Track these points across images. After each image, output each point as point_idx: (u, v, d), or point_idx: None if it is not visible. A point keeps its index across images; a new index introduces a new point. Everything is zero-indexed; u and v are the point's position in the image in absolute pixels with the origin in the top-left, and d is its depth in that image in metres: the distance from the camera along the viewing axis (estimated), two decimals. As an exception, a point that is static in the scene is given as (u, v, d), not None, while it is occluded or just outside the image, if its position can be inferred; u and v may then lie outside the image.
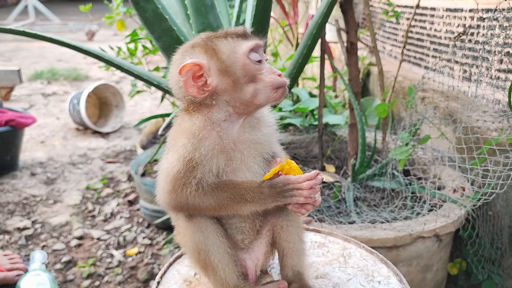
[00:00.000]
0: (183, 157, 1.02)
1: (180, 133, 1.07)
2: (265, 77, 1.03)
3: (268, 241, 1.19)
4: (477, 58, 2.54)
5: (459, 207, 1.84)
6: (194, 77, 1.01)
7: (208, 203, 1.04)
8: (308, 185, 1.02)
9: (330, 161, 2.63)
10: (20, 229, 2.99)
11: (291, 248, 1.17)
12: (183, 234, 1.14)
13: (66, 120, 5.04)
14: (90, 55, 2.07)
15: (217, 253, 1.09)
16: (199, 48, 1.04)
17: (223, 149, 1.05)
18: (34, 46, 9.10)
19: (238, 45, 1.04)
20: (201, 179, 1.03)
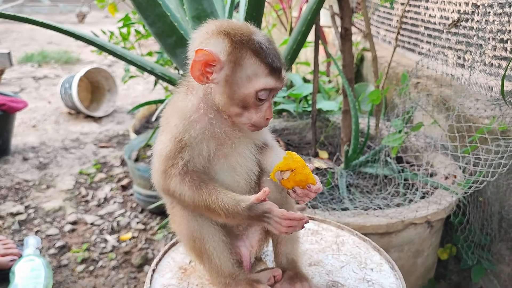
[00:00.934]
0: (174, 137, 1.04)
1: (173, 113, 1.08)
2: (254, 114, 1.03)
3: (262, 228, 1.21)
4: (471, 45, 2.54)
5: (450, 194, 1.86)
6: (204, 63, 1.01)
7: (186, 197, 1.04)
8: (288, 224, 1.01)
9: (323, 147, 2.64)
10: (13, 214, 2.98)
11: (285, 236, 1.18)
12: (178, 222, 1.14)
13: (57, 104, 5.00)
14: (83, 40, 2.05)
15: (212, 241, 1.10)
16: (229, 44, 1.00)
17: (213, 135, 1.06)
18: (24, 28, 8.97)
19: (259, 75, 1.00)
20: (188, 161, 1.04)
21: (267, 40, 1.02)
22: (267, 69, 0.99)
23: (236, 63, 1.00)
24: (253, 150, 1.14)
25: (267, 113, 1.04)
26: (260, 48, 1.00)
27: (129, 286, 2.36)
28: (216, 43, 1.01)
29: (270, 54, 1.00)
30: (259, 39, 1.01)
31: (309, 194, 1.05)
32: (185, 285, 1.18)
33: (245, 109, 1.03)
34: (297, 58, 3.91)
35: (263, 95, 1.01)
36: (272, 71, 1.00)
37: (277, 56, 1.01)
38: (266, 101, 1.03)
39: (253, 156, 1.14)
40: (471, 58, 2.48)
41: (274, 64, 1.00)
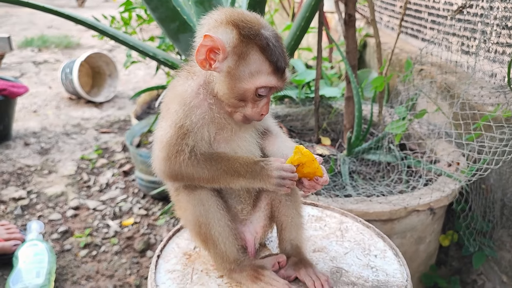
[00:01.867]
0: (175, 123, 1.04)
1: (173, 98, 1.08)
2: (250, 108, 1.04)
3: (267, 214, 1.21)
4: (475, 31, 2.52)
5: (453, 181, 1.86)
6: (210, 50, 1.00)
7: (202, 173, 1.05)
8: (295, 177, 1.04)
9: (326, 134, 2.64)
10: (16, 199, 2.99)
11: (290, 222, 1.19)
12: (183, 208, 1.15)
13: (58, 89, 4.98)
14: (85, 25, 2.03)
15: (218, 226, 1.11)
16: (236, 36, 1.00)
17: (213, 119, 1.06)
18: (24, 12, 8.90)
19: (262, 72, 1.00)
20: (194, 147, 1.05)
21: (274, 37, 1.02)
22: (271, 67, 0.99)
23: (240, 56, 0.99)
24: (254, 135, 1.15)
25: (263, 109, 1.05)
26: (267, 45, 0.99)
27: (131, 271, 2.37)
28: (224, 32, 1.00)
29: (276, 53, 0.99)
30: (267, 35, 1.00)
31: (315, 186, 1.07)
32: (189, 271, 1.19)
33: (242, 102, 1.04)
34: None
35: (263, 92, 1.02)
36: (275, 70, 1.00)
37: (283, 55, 1.01)
38: (264, 97, 1.04)
39: (254, 140, 1.15)
40: (476, 45, 2.47)
41: (278, 63, 0.99)
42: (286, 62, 1.02)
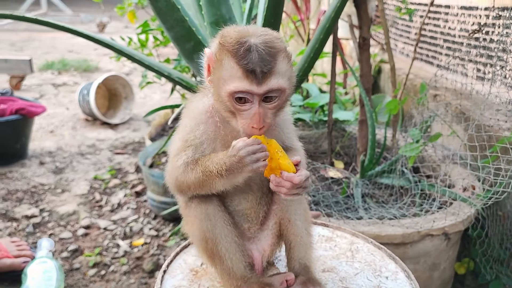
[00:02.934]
0: (182, 136, 1.06)
1: (186, 114, 1.10)
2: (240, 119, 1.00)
3: (275, 233, 1.19)
4: (491, 57, 2.51)
5: (469, 205, 1.82)
6: (208, 64, 1.03)
7: (190, 179, 1.05)
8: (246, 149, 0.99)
9: (339, 157, 2.62)
10: (28, 217, 3.00)
11: (299, 241, 1.16)
12: (191, 223, 1.14)
13: (75, 110, 5.05)
14: (101, 44, 2.07)
15: (225, 242, 1.09)
16: (218, 45, 1.01)
17: (217, 137, 1.06)
18: (46, 37, 9.13)
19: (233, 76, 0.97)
20: (190, 157, 1.05)
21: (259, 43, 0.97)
22: (240, 71, 0.96)
23: (217, 63, 1.00)
24: None
25: (252, 120, 0.99)
26: (239, 49, 0.96)
27: (139, 291, 2.34)
28: (213, 45, 1.03)
29: (249, 56, 0.95)
30: (246, 41, 0.97)
31: (281, 182, 1.01)
32: (195, 287, 1.17)
33: (233, 114, 1.01)
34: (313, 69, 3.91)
35: (240, 95, 0.97)
36: (246, 73, 0.95)
37: (261, 59, 0.95)
38: (252, 106, 0.99)
39: None
40: (492, 71, 2.45)
41: (249, 65, 0.95)
42: (264, 66, 0.95)
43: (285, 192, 1.02)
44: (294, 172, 1.01)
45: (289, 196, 1.03)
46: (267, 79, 0.96)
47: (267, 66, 0.96)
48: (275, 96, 1.00)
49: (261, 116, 0.99)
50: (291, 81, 1.04)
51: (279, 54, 0.99)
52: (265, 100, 1.00)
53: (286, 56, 1.02)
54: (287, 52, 1.03)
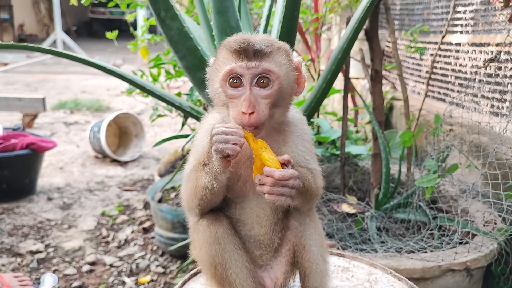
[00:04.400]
0: (194, 152, 1.04)
1: (200, 129, 1.09)
2: (232, 108, 0.99)
3: (288, 260, 1.12)
4: (505, 92, 2.48)
5: (491, 240, 1.73)
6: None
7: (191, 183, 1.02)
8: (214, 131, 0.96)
9: (352, 193, 2.55)
10: (33, 252, 2.94)
11: (314, 268, 1.09)
12: (199, 247, 1.08)
13: (86, 148, 5.06)
14: (113, 74, 2.07)
15: (235, 267, 1.03)
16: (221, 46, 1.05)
17: None
18: (60, 78, 9.32)
19: (225, 61, 0.99)
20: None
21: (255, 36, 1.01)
22: (232, 53, 0.98)
23: (215, 61, 1.03)
24: None
25: (243, 106, 0.96)
26: (234, 41, 0.99)
27: (144, 330, 2.24)
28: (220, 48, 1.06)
29: (239, 41, 0.98)
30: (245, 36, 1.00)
31: (262, 179, 0.96)
32: (204, 317, 1.09)
33: (227, 107, 1.01)
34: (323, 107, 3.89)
35: (231, 78, 0.97)
36: (238, 53, 0.97)
37: (253, 42, 0.97)
38: (244, 92, 0.97)
39: None
40: (507, 106, 2.41)
41: (240, 47, 0.97)
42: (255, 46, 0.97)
43: (268, 191, 0.96)
44: (278, 168, 0.95)
45: (273, 197, 0.96)
46: (258, 58, 0.97)
47: (259, 47, 0.97)
48: (268, 81, 0.98)
49: (251, 101, 0.96)
50: (288, 76, 1.02)
51: (276, 47, 1.01)
52: (258, 85, 0.98)
53: (285, 53, 1.03)
54: (287, 51, 1.04)
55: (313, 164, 1.11)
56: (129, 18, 3.21)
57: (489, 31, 2.75)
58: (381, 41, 2.36)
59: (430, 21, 3.53)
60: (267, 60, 0.97)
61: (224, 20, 1.90)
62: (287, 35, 1.86)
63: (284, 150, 1.06)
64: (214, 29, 1.93)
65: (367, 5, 1.89)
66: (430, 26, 3.50)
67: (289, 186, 0.96)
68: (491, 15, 2.73)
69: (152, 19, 2.86)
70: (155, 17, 1.83)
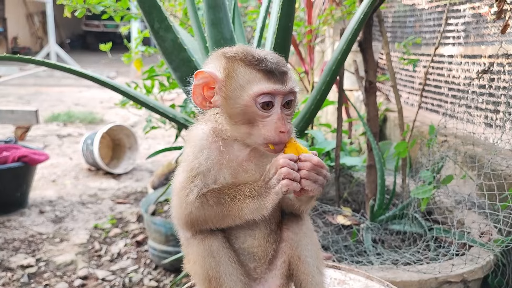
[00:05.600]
0: (187, 165, 1.00)
1: (188, 142, 1.06)
2: (263, 127, 0.97)
3: (283, 273, 1.10)
4: (498, 103, 2.48)
5: (487, 252, 1.72)
6: (205, 87, 1.00)
7: (211, 210, 0.99)
8: (285, 162, 0.94)
9: (347, 204, 2.54)
10: (24, 266, 2.89)
11: (310, 281, 1.08)
12: (193, 261, 1.06)
13: (79, 160, 5.02)
14: (105, 85, 2.06)
15: (230, 281, 1.01)
16: (224, 60, 1.00)
17: (222, 163, 1.01)
18: (53, 91, 9.29)
19: (252, 81, 0.96)
20: (202, 188, 0.98)
21: (267, 52, 1.00)
22: (260, 73, 0.96)
23: (229, 76, 0.98)
24: None
25: (277, 124, 0.96)
26: (253, 57, 0.97)
27: None
28: (214, 64, 1.01)
29: (264, 60, 0.96)
30: (251, 50, 0.99)
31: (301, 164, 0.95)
32: (198, 332, 1.07)
33: (252, 125, 0.97)
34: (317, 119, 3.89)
35: (263, 99, 0.95)
36: (267, 74, 0.96)
37: (275, 61, 0.97)
38: (274, 111, 0.96)
39: None
40: (501, 118, 2.42)
41: (268, 66, 0.95)
42: (280, 66, 0.97)
43: (305, 175, 0.94)
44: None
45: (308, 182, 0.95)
46: (287, 78, 0.98)
47: (283, 66, 0.98)
48: (292, 101, 1.00)
49: (285, 120, 0.98)
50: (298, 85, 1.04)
51: (285, 62, 1.02)
52: (284, 106, 0.99)
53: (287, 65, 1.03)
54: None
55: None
56: (123, 30, 3.20)
57: (481, 43, 2.77)
58: (374, 53, 2.37)
59: (423, 33, 3.56)
60: (291, 78, 0.99)
61: (218, 32, 1.89)
62: (282, 47, 1.86)
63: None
64: (208, 40, 1.92)
65: (360, 17, 1.90)
66: (423, 38, 3.53)
67: (323, 174, 0.96)
68: (483, 27, 2.76)
69: (146, 31, 2.86)
70: (149, 28, 1.82)
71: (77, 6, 2.65)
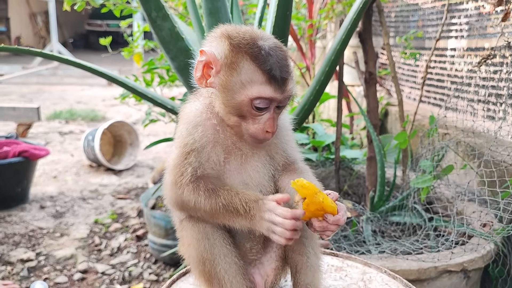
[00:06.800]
0: (180, 142, 0.99)
1: (181, 120, 1.04)
2: (251, 125, 0.97)
3: (279, 255, 1.09)
4: (501, 96, 2.46)
5: (487, 241, 1.70)
6: (206, 65, 0.98)
7: (201, 203, 0.97)
8: (292, 225, 0.91)
9: (347, 197, 2.52)
10: (24, 260, 2.88)
11: (305, 262, 1.06)
12: (187, 244, 1.05)
13: (80, 157, 5.02)
14: (103, 76, 2.06)
15: (224, 263, 0.99)
16: (227, 46, 0.97)
17: (217, 141, 1.00)
18: (56, 90, 9.30)
19: (254, 82, 0.94)
20: (198, 168, 0.97)
21: (272, 47, 0.96)
22: (264, 76, 0.93)
23: (231, 67, 0.95)
24: (268, 165, 1.06)
25: (266, 125, 0.96)
26: (259, 53, 0.94)
27: (135, 338, 2.18)
28: (217, 45, 0.99)
29: (270, 61, 0.93)
30: (261, 44, 0.95)
31: (328, 227, 0.94)
32: (192, 316, 1.05)
33: (243, 118, 0.97)
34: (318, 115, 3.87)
35: (260, 104, 0.94)
36: (270, 79, 0.93)
37: (281, 64, 0.94)
38: (266, 112, 0.96)
39: (268, 172, 1.05)
40: (502, 109, 2.40)
41: (273, 71, 0.93)
42: (285, 71, 0.94)
43: (330, 235, 0.96)
44: (335, 212, 0.94)
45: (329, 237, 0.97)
46: (287, 85, 0.96)
47: (287, 71, 0.96)
48: (287, 102, 1.00)
49: (275, 120, 0.98)
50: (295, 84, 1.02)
51: (289, 58, 0.99)
52: (277, 106, 0.98)
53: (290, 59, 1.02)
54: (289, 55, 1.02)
55: (298, 154, 1.12)
56: (123, 25, 3.19)
57: (483, 35, 2.75)
58: (376, 48, 2.35)
59: (425, 27, 3.54)
60: (291, 82, 0.98)
61: (216, 21, 1.88)
62: (280, 36, 1.84)
63: (274, 142, 1.05)
64: (206, 30, 1.91)
65: (360, 6, 1.89)
66: (426, 32, 3.50)
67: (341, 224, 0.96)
68: (486, 19, 2.73)
69: (146, 25, 2.85)
70: (146, 18, 1.81)
71: (76, 0, 2.64)
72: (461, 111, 2.59)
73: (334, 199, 0.95)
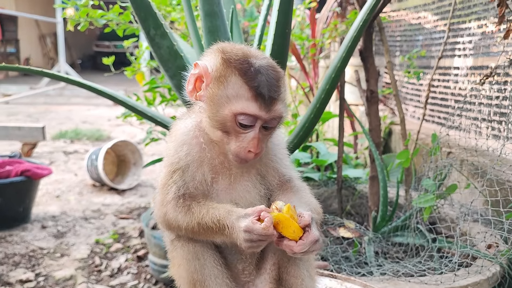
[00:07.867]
0: (167, 161, 0.98)
1: (170, 137, 1.04)
2: (235, 142, 0.95)
3: (273, 277, 1.06)
4: (504, 114, 2.43)
5: (493, 263, 1.65)
6: (198, 78, 0.97)
7: (181, 220, 0.96)
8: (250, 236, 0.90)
9: (349, 217, 2.47)
10: (23, 281, 2.85)
11: (300, 285, 1.03)
12: (177, 264, 1.02)
13: (84, 176, 5.01)
14: (103, 95, 2.05)
15: (215, 284, 0.97)
16: (219, 60, 0.97)
17: (203, 160, 0.97)
18: (62, 110, 9.37)
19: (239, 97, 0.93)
20: (181, 187, 0.94)
21: (265, 65, 0.94)
22: (251, 92, 0.92)
23: (220, 80, 0.94)
24: (259, 185, 1.03)
25: (250, 144, 0.93)
26: (249, 69, 0.93)
27: None
28: (210, 59, 0.98)
29: (259, 78, 0.92)
30: (254, 61, 0.94)
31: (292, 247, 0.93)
32: None
33: (227, 134, 0.95)
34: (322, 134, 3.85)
35: (243, 120, 0.92)
36: (256, 96, 0.91)
37: (270, 83, 0.92)
38: (251, 130, 0.94)
39: (259, 191, 1.03)
40: (507, 128, 2.36)
41: (260, 88, 0.91)
42: (273, 90, 0.92)
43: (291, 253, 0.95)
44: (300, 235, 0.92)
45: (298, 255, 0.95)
46: (274, 105, 0.94)
47: (276, 91, 0.94)
48: (275, 123, 0.97)
49: (260, 141, 0.94)
50: (287, 107, 0.99)
51: (282, 79, 0.98)
52: (264, 126, 0.96)
53: (284, 81, 1.00)
54: (284, 77, 1.00)
55: (293, 172, 1.09)
56: (126, 44, 3.21)
57: (487, 54, 2.73)
58: (379, 68, 2.34)
59: (429, 46, 3.53)
60: (280, 103, 0.96)
61: (215, 39, 1.87)
62: (279, 53, 1.84)
63: (265, 161, 1.02)
64: (205, 48, 1.91)
65: (360, 24, 1.88)
66: (429, 51, 3.49)
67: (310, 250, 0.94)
68: (489, 37, 2.72)
69: (148, 44, 2.87)
70: (145, 36, 1.81)
71: (80, 20, 2.67)
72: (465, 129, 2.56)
73: (303, 225, 0.92)
